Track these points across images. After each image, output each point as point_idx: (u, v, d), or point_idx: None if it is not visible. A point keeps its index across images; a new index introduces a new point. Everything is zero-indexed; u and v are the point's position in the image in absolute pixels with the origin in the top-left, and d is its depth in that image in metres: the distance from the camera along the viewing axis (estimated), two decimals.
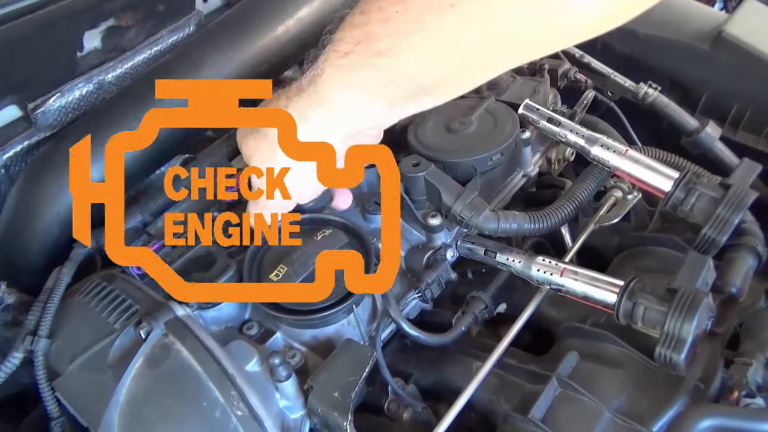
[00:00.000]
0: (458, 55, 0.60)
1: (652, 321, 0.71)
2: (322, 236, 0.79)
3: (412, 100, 0.68)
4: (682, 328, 0.67)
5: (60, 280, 0.81)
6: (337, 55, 0.64)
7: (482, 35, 0.58)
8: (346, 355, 0.72)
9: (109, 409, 0.67)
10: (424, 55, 0.60)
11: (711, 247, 0.78)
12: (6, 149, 0.97)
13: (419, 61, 0.61)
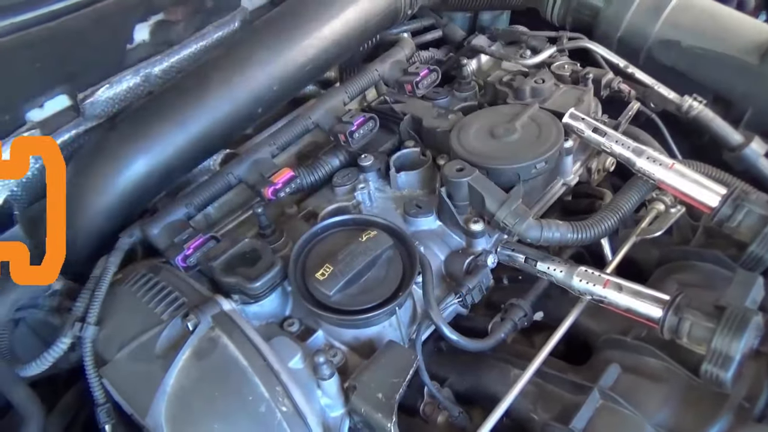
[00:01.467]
0: None
1: (698, 337, 0.71)
2: (367, 237, 0.80)
3: None
4: (730, 346, 0.66)
5: (107, 269, 0.83)
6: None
7: None
8: (390, 356, 0.72)
9: (156, 398, 0.68)
10: None
11: (758, 265, 0.77)
12: (54, 137, 0.99)
13: None
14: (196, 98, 0.94)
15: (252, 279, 0.78)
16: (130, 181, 0.89)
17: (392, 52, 1.16)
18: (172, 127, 0.91)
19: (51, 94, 0.96)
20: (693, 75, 1.14)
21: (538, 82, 1.05)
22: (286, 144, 1.03)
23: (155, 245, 0.89)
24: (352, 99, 1.11)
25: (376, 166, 1.02)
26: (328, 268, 0.77)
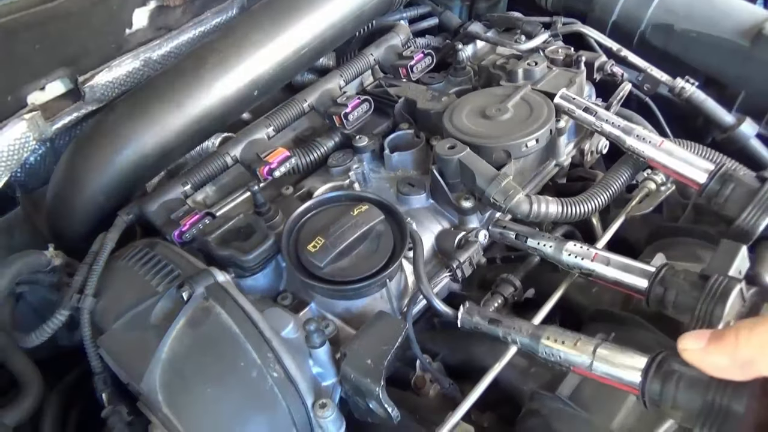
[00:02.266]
0: None
1: (683, 306, 0.72)
2: (359, 211, 0.81)
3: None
4: (713, 314, 0.67)
5: (105, 244, 0.85)
6: None
7: None
8: (379, 325, 0.74)
9: (151, 364, 0.70)
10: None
11: (745, 237, 0.78)
12: (55, 121, 1.01)
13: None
14: (193, 79, 0.96)
15: (246, 252, 0.80)
16: (128, 160, 0.91)
17: (387, 37, 1.18)
18: (169, 108, 0.93)
19: (52, 76, 0.98)
20: (686, 58, 1.16)
21: (531, 65, 1.07)
22: (282, 126, 1.05)
23: (152, 222, 0.91)
24: (347, 83, 1.13)
25: (371, 148, 1.03)
26: (319, 240, 0.78)
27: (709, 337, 0.53)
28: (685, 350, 0.54)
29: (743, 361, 0.50)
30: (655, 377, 0.60)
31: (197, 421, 0.68)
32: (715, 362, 0.52)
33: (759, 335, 0.50)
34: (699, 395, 0.56)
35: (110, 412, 0.76)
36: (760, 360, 0.49)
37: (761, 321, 0.51)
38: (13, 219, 1.08)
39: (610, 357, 0.65)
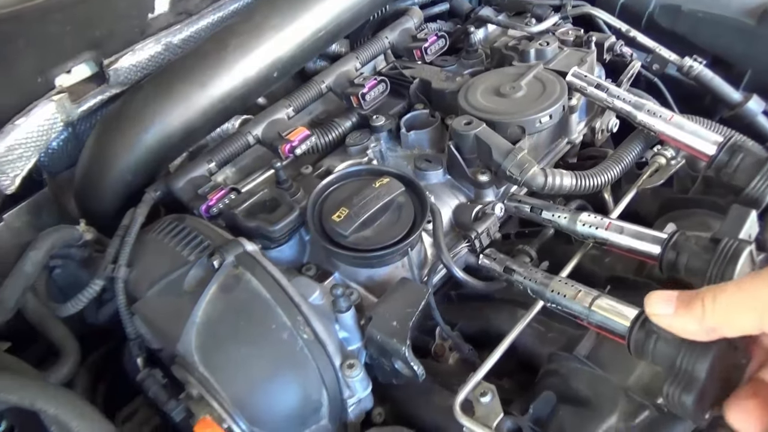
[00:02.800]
0: None
1: (695, 270, 0.74)
2: (380, 184, 0.84)
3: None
4: (724, 275, 0.70)
5: (135, 218, 0.88)
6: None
7: None
8: (403, 290, 0.77)
9: (186, 328, 0.73)
10: None
11: (754, 205, 0.81)
12: (81, 103, 1.04)
13: None
14: (216, 61, 0.98)
15: (273, 223, 0.83)
16: (155, 139, 0.94)
17: (402, 20, 1.21)
18: (193, 89, 0.96)
19: (79, 59, 1.01)
20: (693, 38, 1.18)
21: (543, 45, 1.09)
22: (301, 106, 1.08)
23: (179, 198, 0.94)
24: (363, 65, 1.15)
25: (387, 127, 1.06)
26: (344, 210, 0.81)
27: (677, 303, 0.55)
28: (654, 315, 0.57)
29: (708, 328, 0.53)
30: (639, 332, 0.63)
31: (233, 379, 0.71)
32: (683, 327, 0.55)
33: (722, 304, 0.52)
34: (670, 355, 0.59)
35: (146, 375, 0.79)
36: (724, 327, 0.52)
37: (724, 288, 0.53)
38: (40, 200, 1.11)
39: (604, 308, 0.70)
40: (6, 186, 0.99)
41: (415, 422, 0.79)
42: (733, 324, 0.52)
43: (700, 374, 0.56)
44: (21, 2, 0.85)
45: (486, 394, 0.72)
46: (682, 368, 0.58)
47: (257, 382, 0.71)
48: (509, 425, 0.70)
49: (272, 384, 0.71)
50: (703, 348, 0.57)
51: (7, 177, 0.98)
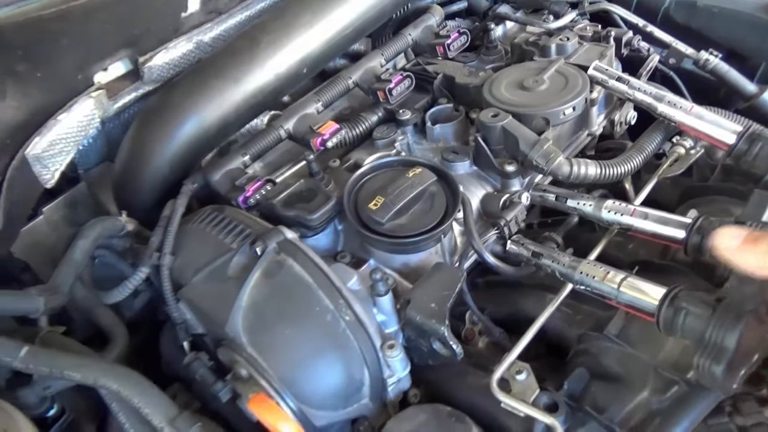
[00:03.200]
0: None
1: None
2: (413, 173, 0.88)
3: None
4: None
5: (176, 208, 0.91)
6: None
7: None
8: (439, 274, 0.80)
9: (233, 311, 0.76)
10: None
11: None
12: (117, 100, 1.07)
13: None
14: (249, 58, 1.02)
15: (311, 211, 0.86)
16: (191, 133, 0.98)
17: (424, 18, 1.24)
18: (228, 84, 1.00)
19: (116, 57, 1.04)
20: (708, 33, 1.22)
21: (563, 40, 1.13)
22: (330, 101, 1.11)
23: (216, 190, 0.97)
24: (387, 61, 1.19)
25: (413, 121, 1.09)
26: (379, 199, 0.85)
27: (744, 239, 0.58)
28: (720, 248, 0.60)
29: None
30: (668, 309, 0.67)
31: (279, 358, 0.74)
32: (745, 261, 0.58)
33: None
34: (700, 329, 0.62)
35: (193, 358, 0.82)
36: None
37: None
38: (76, 194, 1.15)
39: (633, 288, 0.73)
40: (47, 180, 1.02)
41: (450, 402, 0.82)
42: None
43: (729, 345, 0.60)
44: (66, 2, 0.88)
45: (521, 372, 0.76)
46: (712, 340, 0.61)
47: (303, 361, 0.75)
48: (545, 400, 0.73)
49: (317, 363, 0.75)
50: (732, 320, 0.60)
51: (48, 171, 1.02)
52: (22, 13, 0.83)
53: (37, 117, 0.96)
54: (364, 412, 0.80)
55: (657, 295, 0.70)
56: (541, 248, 0.88)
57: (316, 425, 0.76)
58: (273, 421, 0.68)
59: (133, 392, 0.66)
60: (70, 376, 0.66)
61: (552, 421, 0.69)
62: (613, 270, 0.77)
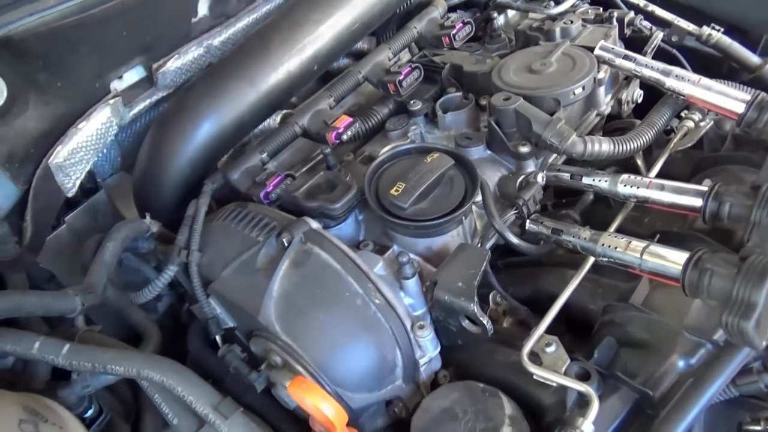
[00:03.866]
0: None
1: (738, 217, 0.79)
2: (431, 159, 0.89)
3: None
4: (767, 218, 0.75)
5: (200, 207, 0.93)
6: None
7: None
8: (464, 254, 0.82)
9: (265, 301, 0.78)
10: None
11: None
12: (132, 106, 1.09)
13: None
14: (262, 58, 1.04)
15: (333, 201, 0.88)
16: (210, 133, 1.00)
17: (428, 10, 1.26)
18: (243, 84, 1.02)
19: (131, 64, 1.07)
20: (708, 9, 1.24)
21: (567, 23, 1.15)
22: (341, 96, 1.13)
23: (237, 187, 0.99)
24: (395, 54, 1.21)
25: (424, 111, 1.11)
26: (401, 185, 0.86)
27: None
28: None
29: None
30: (693, 272, 0.68)
31: (314, 344, 0.76)
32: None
33: None
34: (726, 288, 0.63)
35: (226, 351, 0.83)
36: None
37: None
38: (96, 202, 1.17)
39: (656, 255, 0.75)
40: (69, 189, 1.04)
41: (481, 380, 0.83)
42: None
43: (757, 300, 0.61)
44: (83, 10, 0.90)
45: (551, 344, 0.77)
46: (739, 297, 0.62)
47: (337, 345, 0.76)
48: (577, 369, 0.74)
49: (351, 346, 0.76)
50: (759, 276, 0.62)
51: (70, 180, 1.04)
52: (42, 24, 0.85)
53: (59, 126, 0.98)
54: (398, 393, 0.82)
55: (680, 260, 0.71)
56: (560, 225, 0.89)
57: (352, 407, 0.77)
58: (315, 401, 0.70)
59: (176, 381, 0.68)
60: (113, 369, 0.68)
61: (586, 388, 0.70)
62: (634, 239, 0.78)
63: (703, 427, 0.75)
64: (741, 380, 0.74)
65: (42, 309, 0.74)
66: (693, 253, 0.70)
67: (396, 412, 0.83)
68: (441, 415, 0.75)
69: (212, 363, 0.92)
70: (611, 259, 0.80)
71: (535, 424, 0.77)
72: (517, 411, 0.75)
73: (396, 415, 0.84)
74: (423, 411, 0.76)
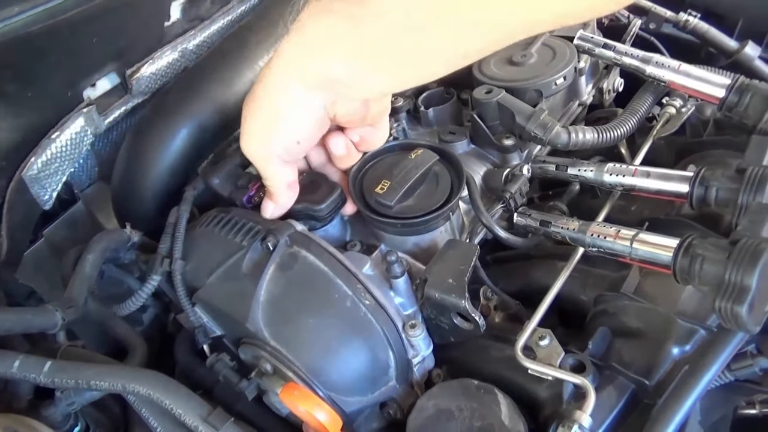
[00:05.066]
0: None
1: (724, 200, 0.79)
2: (416, 155, 0.88)
3: (399, 66, 0.65)
4: (754, 200, 0.75)
5: (181, 215, 0.91)
6: None
7: None
8: (453, 250, 0.81)
9: (252, 306, 0.76)
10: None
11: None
12: (107, 115, 1.07)
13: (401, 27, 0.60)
14: (238, 59, 1.02)
15: (318, 202, 0.86)
16: (188, 138, 0.97)
17: None
18: (220, 87, 1.00)
19: (104, 71, 1.04)
20: None
21: None
22: None
23: (219, 192, 0.97)
24: None
25: (406, 107, 1.10)
26: (386, 183, 0.85)
27: None
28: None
29: None
30: (684, 258, 0.67)
31: (304, 348, 0.74)
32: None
33: None
34: (717, 273, 0.63)
35: (215, 360, 0.81)
36: None
37: None
38: (75, 215, 1.14)
39: (646, 243, 0.74)
40: (45, 201, 1.01)
41: (475, 377, 0.82)
42: None
43: (749, 284, 0.60)
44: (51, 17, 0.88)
45: (544, 338, 0.76)
46: (731, 282, 0.62)
47: (328, 348, 0.75)
48: (571, 361, 0.73)
49: (343, 349, 0.75)
50: (750, 260, 0.61)
51: (46, 192, 1.01)
52: (9, 32, 0.82)
53: (31, 137, 0.95)
54: (392, 394, 0.81)
55: (671, 246, 0.71)
56: (548, 216, 0.89)
57: (346, 411, 0.76)
58: (308, 407, 0.68)
59: (163, 394, 0.66)
60: (97, 385, 0.66)
61: (581, 380, 0.70)
62: (623, 228, 0.78)
63: (699, 412, 0.75)
64: (736, 365, 0.74)
65: (21, 326, 0.71)
66: (683, 240, 0.69)
67: (391, 414, 0.82)
68: (436, 414, 0.74)
69: (201, 373, 0.90)
70: (601, 248, 0.80)
71: (532, 418, 0.76)
72: (513, 407, 0.74)
73: (391, 417, 0.83)
74: (418, 411, 0.75)
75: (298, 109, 0.71)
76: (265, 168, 0.78)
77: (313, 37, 0.65)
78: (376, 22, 0.61)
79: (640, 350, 0.74)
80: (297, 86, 0.69)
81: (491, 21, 0.59)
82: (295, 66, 0.68)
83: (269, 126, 0.74)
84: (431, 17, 0.59)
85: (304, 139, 0.76)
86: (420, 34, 0.60)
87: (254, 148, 0.76)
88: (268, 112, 0.72)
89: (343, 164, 0.87)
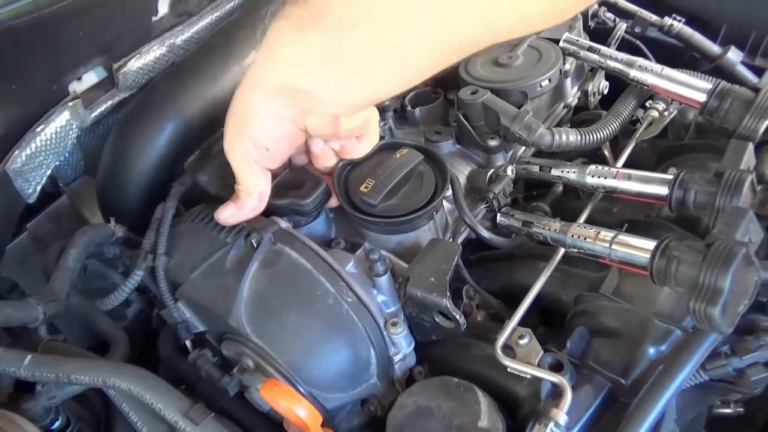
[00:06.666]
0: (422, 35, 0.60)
1: (703, 204, 0.80)
2: (400, 154, 0.89)
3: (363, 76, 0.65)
4: (731, 203, 0.76)
5: (167, 210, 0.91)
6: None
7: None
8: (435, 249, 0.81)
9: (235, 303, 0.76)
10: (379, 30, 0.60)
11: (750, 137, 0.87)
12: (93, 108, 1.06)
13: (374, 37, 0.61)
14: (225, 55, 1.02)
15: (303, 197, 0.86)
16: (175, 133, 0.97)
17: None
18: (207, 82, 1.00)
19: (90, 65, 1.03)
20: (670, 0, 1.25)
21: None
22: None
23: (206, 189, 0.97)
24: None
25: (393, 107, 1.10)
26: (370, 182, 0.85)
27: None
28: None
29: None
30: (660, 260, 0.69)
31: (286, 344, 0.75)
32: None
33: None
34: (692, 275, 0.64)
35: (197, 356, 0.82)
36: None
37: None
38: (60, 208, 1.14)
39: (625, 244, 0.75)
40: (29, 195, 1.01)
41: (456, 375, 0.83)
42: None
43: (723, 286, 0.62)
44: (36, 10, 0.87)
45: (524, 337, 0.77)
46: (705, 284, 0.63)
47: (310, 345, 0.75)
48: (550, 360, 0.75)
49: (324, 346, 0.75)
50: (723, 262, 0.63)
51: (30, 185, 1.00)
52: None
53: (15, 130, 0.95)
54: (373, 391, 0.81)
55: (649, 248, 0.72)
56: (530, 217, 0.90)
57: (327, 408, 0.77)
58: (288, 403, 0.69)
59: (143, 389, 0.66)
60: (78, 379, 0.66)
61: (559, 379, 0.71)
62: (603, 230, 0.79)
63: (675, 411, 0.76)
64: (710, 364, 0.75)
65: (1, 319, 0.71)
66: (660, 242, 0.71)
67: (371, 411, 0.83)
68: (416, 411, 0.75)
69: (184, 368, 0.91)
70: (581, 249, 0.81)
71: (511, 416, 0.77)
72: (492, 405, 0.75)
73: (372, 414, 0.84)
74: (398, 408, 0.76)
75: (261, 114, 0.72)
76: (240, 170, 0.78)
77: (277, 45, 0.67)
78: (334, 35, 0.62)
79: (618, 350, 0.75)
80: (258, 94, 0.71)
81: (445, 34, 0.61)
82: (262, 72, 0.70)
83: (238, 126, 0.76)
84: (389, 27, 0.60)
85: (272, 146, 0.76)
86: (376, 46, 0.62)
87: (227, 147, 0.78)
88: (238, 114, 0.75)
89: (320, 164, 0.88)
